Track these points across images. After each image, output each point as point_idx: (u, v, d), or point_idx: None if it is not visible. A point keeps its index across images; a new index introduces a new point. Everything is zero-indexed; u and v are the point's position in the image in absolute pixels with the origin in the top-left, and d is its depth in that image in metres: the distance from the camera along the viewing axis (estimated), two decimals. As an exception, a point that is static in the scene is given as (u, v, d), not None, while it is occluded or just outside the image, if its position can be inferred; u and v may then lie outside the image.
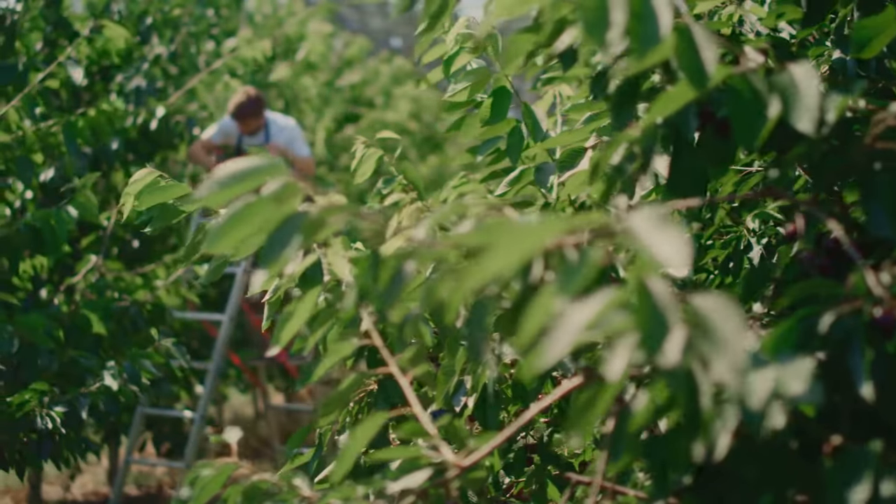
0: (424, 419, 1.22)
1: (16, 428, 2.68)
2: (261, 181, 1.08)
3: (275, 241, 1.05)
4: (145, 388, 2.63)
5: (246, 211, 1.06)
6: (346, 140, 8.16)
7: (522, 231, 0.91)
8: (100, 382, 2.70)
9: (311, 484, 1.27)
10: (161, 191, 1.80)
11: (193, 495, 1.27)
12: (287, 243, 1.05)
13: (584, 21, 0.95)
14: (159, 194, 1.79)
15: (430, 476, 1.17)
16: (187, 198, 1.82)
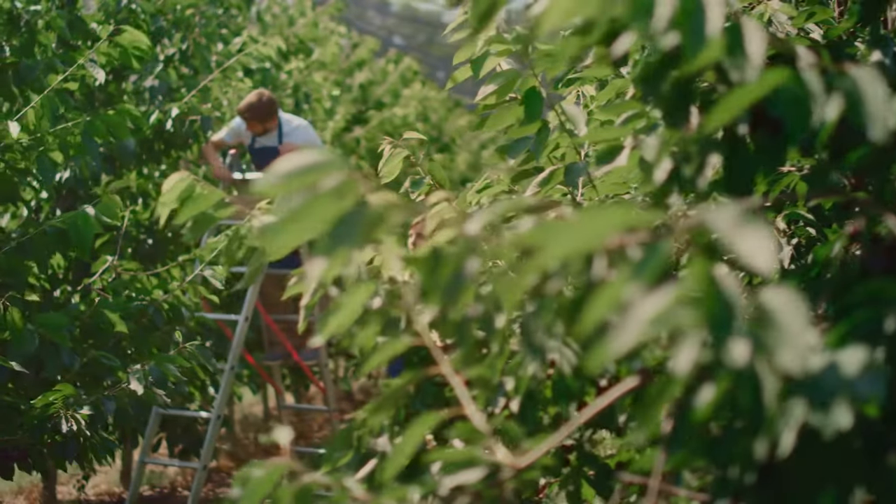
0: (478, 420, 1.22)
1: (41, 430, 2.68)
2: (319, 177, 1.08)
3: (335, 237, 1.06)
4: (171, 392, 2.63)
5: (306, 207, 1.06)
6: (354, 140, 8.16)
7: (587, 226, 0.92)
8: (125, 385, 2.71)
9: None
10: (199, 199, 1.79)
11: (244, 496, 1.27)
12: (347, 239, 1.06)
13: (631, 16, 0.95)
14: (198, 203, 1.79)
15: (484, 476, 1.17)
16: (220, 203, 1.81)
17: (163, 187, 1.79)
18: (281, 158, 1.09)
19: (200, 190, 1.81)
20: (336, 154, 1.08)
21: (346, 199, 1.07)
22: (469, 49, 2.25)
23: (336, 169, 1.07)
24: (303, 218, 1.05)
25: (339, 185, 1.06)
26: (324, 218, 1.06)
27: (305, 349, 5.52)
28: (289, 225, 1.05)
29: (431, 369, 1.32)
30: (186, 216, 1.78)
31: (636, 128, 1.79)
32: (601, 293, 0.90)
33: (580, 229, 0.91)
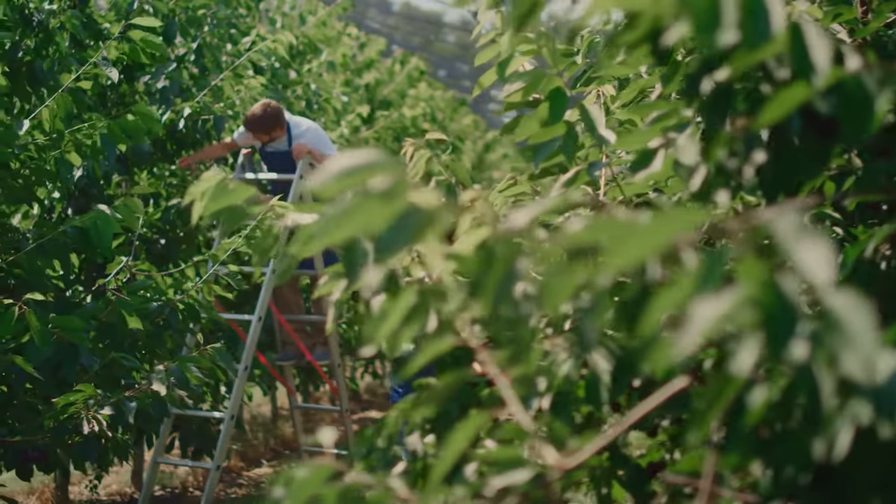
0: (524, 420, 1.22)
1: (62, 430, 2.68)
2: (371, 176, 1.08)
3: (389, 238, 1.06)
4: (194, 394, 2.63)
5: (358, 206, 1.06)
6: (363, 140, 8.16)
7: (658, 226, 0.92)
8: (145, 385, 2.71)
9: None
10: (230, 193, 1.79)
11: (288, 496, 1.27)
12: (401, 240, 1.06)
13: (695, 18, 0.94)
14: (228, 196, 1.79)
15: (531, 477, 1.17)
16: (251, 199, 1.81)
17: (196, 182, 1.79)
18: (326, 162, 1.10)
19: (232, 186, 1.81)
20: (387, 155, 1.08)
21: (397, 199, 1.07)
22: (492, 51, 2.25)
23: (387, 170, 1.07)
24: (354, 217, 1.06)
25: (392, 185, 1.06)
26: (376, 218, 1.06)
27: (318, 349, 5.53)
28: (341, 222, 1.05)
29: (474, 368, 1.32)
30: (214, 209, 1.78)
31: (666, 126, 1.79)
32: (666, 293, 0.90)
33: (651, 230, 0.91)
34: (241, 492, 6.15)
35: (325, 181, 1.06)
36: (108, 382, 2.97)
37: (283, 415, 8.41)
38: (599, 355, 1.46)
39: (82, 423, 2.65)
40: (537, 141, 2.18)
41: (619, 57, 1.29)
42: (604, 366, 1.49)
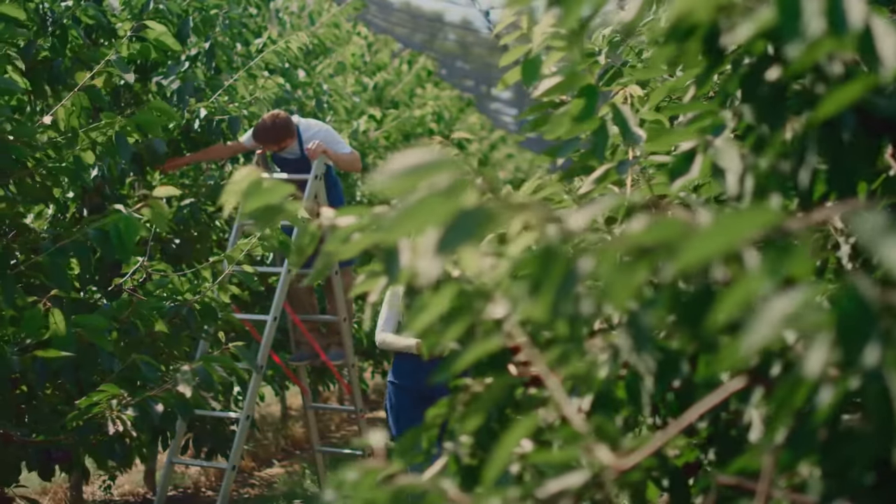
0: (577, 421, 1.22)
1: (86, 430, 2.67)
2: (434, 174, 1.08)
3: (451, 236, 1.06)
4: (218, 394, 2.63)
5: (422, 203, 1.06)
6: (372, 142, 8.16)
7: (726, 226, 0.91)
8: (171, 386, 2.70)
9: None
10: (267, 191, 1.79)
11: (340, 499, 1.26)
12: (463, 237, 1.06)
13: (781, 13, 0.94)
14: (265, 195, 1.79)
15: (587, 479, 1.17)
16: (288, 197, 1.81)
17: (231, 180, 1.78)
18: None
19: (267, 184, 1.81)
20: (448, 152, 1.08)
21: (459, 197, 1.07)
22: (518, 51, 2.24)
23: (448, 168, 1.07)
24: (416, 214, 1.05)
25: (453, 183, 1.06)
26: (440, 216, 1.06)
27: (333, 349, 5.53)
28: (404, 220, 1.05)
29: (524, 369, 1.31)
30: (251, 207, 1.78)
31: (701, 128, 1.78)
32: (734, 291, 0.90)
33: (718, 230, 0.91)
34: (253, 492, 6.15)
35: (387, 179, 1.06)
36: (128, 383, 2.96)
37: (293, 415, 8.41)
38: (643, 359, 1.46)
39: (107, 423, 2.65)
40: (566, 138, 2.17)
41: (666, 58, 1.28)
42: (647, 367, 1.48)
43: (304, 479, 6.23)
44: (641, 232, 1.05)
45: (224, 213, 1.81)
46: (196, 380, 2.67)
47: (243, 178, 1.88)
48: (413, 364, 4.30)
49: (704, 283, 1.05)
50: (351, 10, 8.08)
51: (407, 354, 4.29)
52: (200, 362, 2.73)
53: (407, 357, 4.30)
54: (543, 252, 1.10)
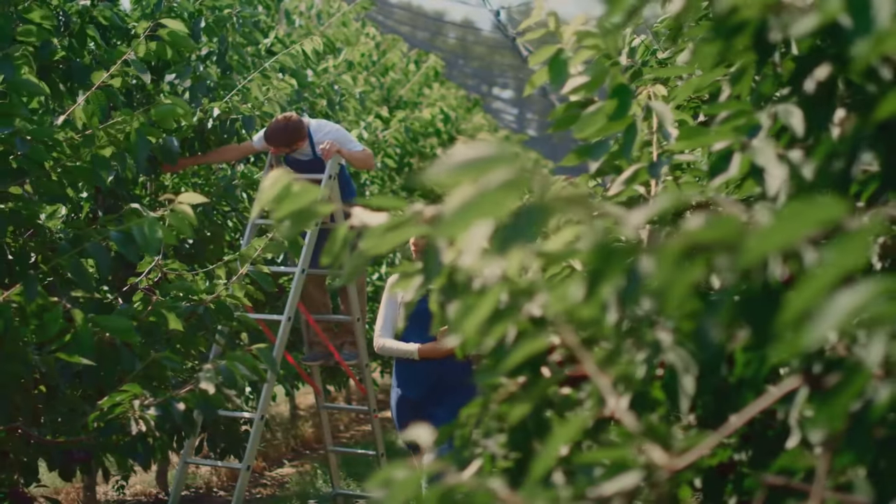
0: (628, 420, 1.21)
1: (108, 430, 2.67)
2: (493, 169, 1.08)
3: (512, 232, 1.06)
4: (242, 393, 2.62)
5: (480, 199, 1.06)
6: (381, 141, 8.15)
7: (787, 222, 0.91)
8: (195, 385, 2.70)
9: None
10: (298, 195, 1.78)
11: (388, 498, 1.25)
12: (524, 234, 1.05)
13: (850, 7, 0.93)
14: (296, 199, 1.78)
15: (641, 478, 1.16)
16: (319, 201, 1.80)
17: (262, 184, 1.78)
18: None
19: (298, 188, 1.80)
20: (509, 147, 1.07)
21: (521, 191, 1.06)
22: (547, 51, 2.23)
23: (507, 163, 1.07)
24: (475, 210, 1.05)
25: (512, 178, 1.06)
26: (500, 211, 1.06)
27: (346, 349, 5.52)
28: (463, 216, 1.05)
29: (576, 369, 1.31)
30: (283, 212, 1.77)
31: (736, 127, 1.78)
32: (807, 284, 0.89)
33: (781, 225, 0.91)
34: (265, 492, 6.15)
35: (446, 173, 1.05)
36: (149, 382, 2.96)
37: (301, 415, 8.41)
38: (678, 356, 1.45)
39: (129, 423, 2.64)
40: (599, 137, 2.17)
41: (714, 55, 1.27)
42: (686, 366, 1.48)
43: (315, 478, 6.22)
44: (699, 230, 1.05)
45: (254, 214, 1.79)
46: (219, 378, 2.67)
47: (275, 182, 1.88)
48: (411, 371, 4.29)
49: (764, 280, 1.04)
50: (359, 10, 8.08)
51: (405, 361, 4.29)
52: (223, 361, 2.72)
53: (406, 363, 4.30)
54: (602, 250, 1.09)
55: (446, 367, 4.27)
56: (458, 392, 4.26)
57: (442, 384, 4.29)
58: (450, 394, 4.28)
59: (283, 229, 1.87)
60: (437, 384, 4.29)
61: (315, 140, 5.36)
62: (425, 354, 4.24)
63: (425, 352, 4.23)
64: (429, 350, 4.23)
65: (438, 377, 4.28)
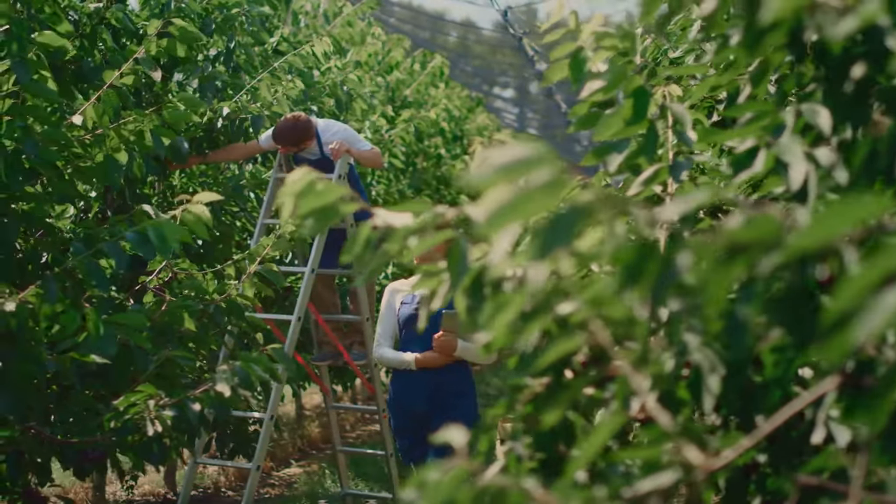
0: (664, 420, 1.21)
1: (124, 430, 2.67)
2: (532, 170, 1.08)
3: (552, 233, 1.05)
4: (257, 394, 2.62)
5: (519, 200, 1.06)
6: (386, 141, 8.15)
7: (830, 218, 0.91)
8: (210, 386, 2.70)
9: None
10: (321, 193, 1.78)
11: (424, 498, 1.25)
12: (564, 235, 1.05)
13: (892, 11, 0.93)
14: (319, 196, 1.78)
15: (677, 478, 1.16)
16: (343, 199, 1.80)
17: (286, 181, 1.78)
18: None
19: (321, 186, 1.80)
20: (547, 148, 1.07)
21: (559, 194, 1.06)
22: (566, 48, 2.24)
23: (548, 163, 1.07)
24: (514, 211, 1.05)
25: (553, 179, 1.06)
26: (539, 211, 1.06)
27: (355, 349, 5.52)
28: (503, 216, 1.05)
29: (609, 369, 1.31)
30: (306, 210, 1.77)
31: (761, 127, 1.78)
32: (849, 284, 0.89)
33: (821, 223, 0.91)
34: (274, 492, 6.15)
35: (485, 174, 1.05)
36: (162, 383, 2.96)
37: (307, 415, 8.41)
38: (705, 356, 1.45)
39: (145, 423, 2.64)
40: (618, 138, 2.16)
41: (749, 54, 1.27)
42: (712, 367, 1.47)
43: (324, 479, 6.22)
44: (738, 228, 1.05)
45: (283, 215, 1.80)
46: (235, 380, 2.67)
47: (298, 180, 1.88)
48: (405, 381, 4.20)
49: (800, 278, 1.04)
50: (365, 9, 8.08)
51: (401, 372, 4.21)
52: (238, 362, 2.72)
53: (401, 374, 4.21)
54: (640, 247, 1.09)
55: (444, 377, 4.18)
56: (457, 405, 4.19)
57: (440, 395, 4.21)
58: (449, 406, 4.19)
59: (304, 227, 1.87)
60: (435, 395, 4.20)
61: (323, 140, 5.38)
62: (423, 364, 4.15)
63: (422, 362, 4.14)
64: (426, 360, 4.14)
65: (436, 387, 4.19)
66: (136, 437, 2.74)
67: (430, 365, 4.15)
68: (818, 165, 1.48)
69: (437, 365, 4.16)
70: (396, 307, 4.28)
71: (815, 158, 1.49)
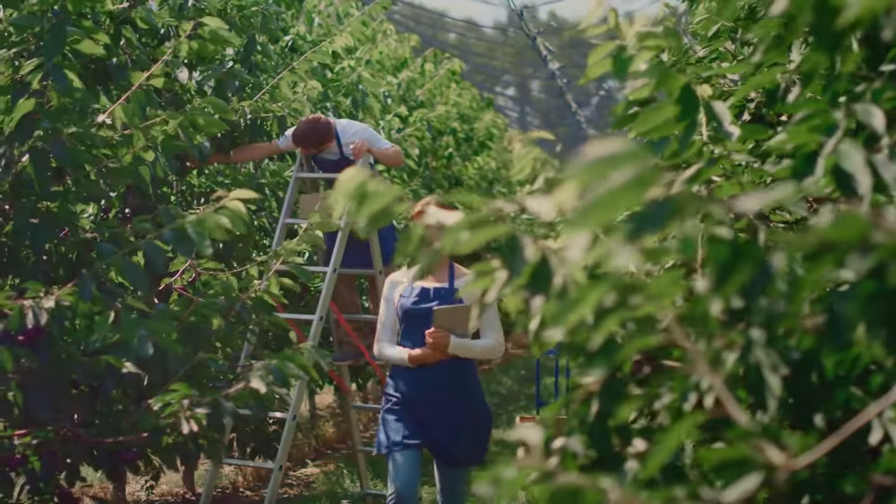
0: (743, 420, 1.21)
1: (160, 431, 2.67)
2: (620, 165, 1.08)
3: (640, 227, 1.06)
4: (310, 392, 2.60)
5: (609, 195, 1.06)
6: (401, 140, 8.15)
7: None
8: (246, 384, 2.70)
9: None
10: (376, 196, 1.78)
11: (497, 495, 1.25)
12: (650, 229, 1.06)
13: None
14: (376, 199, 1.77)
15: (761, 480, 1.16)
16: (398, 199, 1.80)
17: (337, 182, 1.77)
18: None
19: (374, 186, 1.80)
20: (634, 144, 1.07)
21: (647, 189, 1.06)
22: (606, 48, 2.23)
23: (636, 159, 1.07)
24: (606, 206, 1.05)
25: (641, 174, 1.06)
26: (624, 209, 1.05)
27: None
28: (594, 211, 1.05)
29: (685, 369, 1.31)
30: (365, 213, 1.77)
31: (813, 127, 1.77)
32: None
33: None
34: (292, 492, 6.15)
35: (578, 169, 1.05)
36: (195, 383, 2.96)
37: (321, 415, 8.41)
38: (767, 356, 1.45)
39: (180, 423, 2.64)
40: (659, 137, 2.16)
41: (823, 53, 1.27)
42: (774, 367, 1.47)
43: (342, 478, 6.22)
44: (827, 227, 1.05)
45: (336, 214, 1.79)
46: (270, 377, 2.67)
47: (351, 180, 1.87)
48: (407, 377, 4.03)
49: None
50: (379, 9, 8.08)
51: (400, 368, 4.05)
52: (270, 360, 2.72)
53: (401, 369, 4.05)
54: (733, 245, 1.09)
55: (443, 376, 4.01)
56: (460, 409, 4.02)
57: (439, 394, 4.02)
58: (452, 410, 4.01)
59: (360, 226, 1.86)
60: (434, 393, 4.01)
61: (343, 140, 5.39)
62: (416, 361, 3.98)
63: (416, 358, 3.98)
64: (420, 357, 3.98)
65: (435, 385, 4.00)
66: (172, 436, 2.74)
67: (423, 362, 3.99)
68: (877, 174, 1.48)
69: (431, 361, 3.98)
70: (395, 300, 4.13)
71: (875, 165, 1.49)
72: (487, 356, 4.11)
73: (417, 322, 4.03)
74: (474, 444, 4.05)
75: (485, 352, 4.04)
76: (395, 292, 4.14)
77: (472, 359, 4.06)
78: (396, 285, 4.15)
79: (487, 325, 4.03)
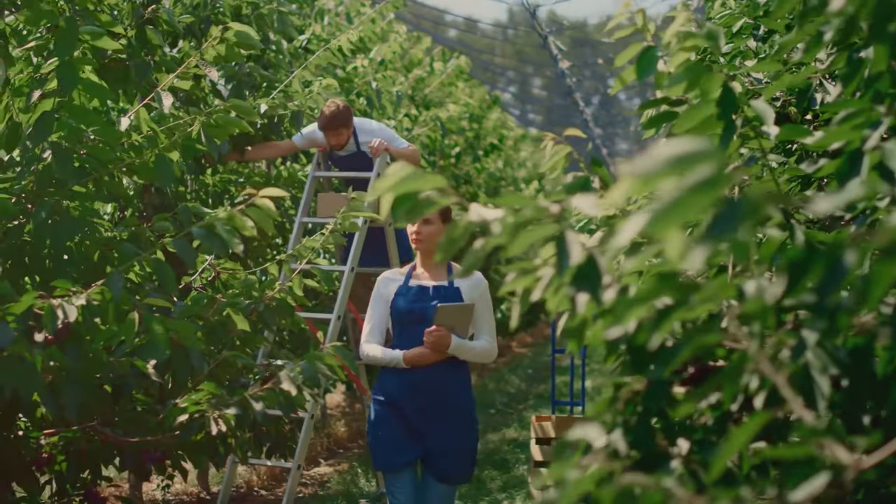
0: (809, 418, 1.20)
1: (188, 431, 2.67)
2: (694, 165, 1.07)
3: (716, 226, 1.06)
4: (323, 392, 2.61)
5: (688, 196, 1.05)
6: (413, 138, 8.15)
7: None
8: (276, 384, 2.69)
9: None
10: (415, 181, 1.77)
11: (563, 496, 1.25)
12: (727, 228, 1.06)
13: None
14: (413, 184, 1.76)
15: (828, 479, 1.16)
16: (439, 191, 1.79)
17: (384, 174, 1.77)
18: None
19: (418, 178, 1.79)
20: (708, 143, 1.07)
21: (722, 188, 1.06)
22: (635, 48, 2.23)
23: (710, 159, 1.06)
24: (684, 207, 1.05)
25: (715, 174, 1.05)
26: (702, 210, 1.05)
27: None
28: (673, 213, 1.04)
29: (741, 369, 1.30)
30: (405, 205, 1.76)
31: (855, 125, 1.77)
32: None
33: None
34: (307, 491, 6.15)
35: (650, 170, 1.05)
36: (219, 382, 2.95)
37: (331, 414, 8.42)
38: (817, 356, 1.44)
39: (209, 422, 2.64)
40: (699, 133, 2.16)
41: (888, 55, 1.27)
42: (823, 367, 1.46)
43: (357, 477, 6.22)
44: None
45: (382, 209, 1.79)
46: (300, 377, 2.66)
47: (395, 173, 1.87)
48: (399, 380, 3.83)
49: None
50: (390, 8, 8.07)
51: (391, 370, 3.84)
52: (304, 360, 2.72)
53: (392, 373, 3.84)
54: (808, 246, 1.08)
55: (438, 377, 3.83)
56: (454, 415, 3.87)
57: (433, 398, 3.85)
58: (445, 418, 3.85)
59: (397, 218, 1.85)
60: (428, 397, 3.85)
61: (360, 137, 5.41)
62: (412, 361, 3.78)
63: (412, 358, 3.78)
64: (416, 356, 3.79)
65: (429, 389, 3.84)
66: (200, 436, 2.74)
67: (420, 362, 3.79)
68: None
69: (428, 362, 3.80)
70: (390, 298, 3.93)
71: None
72: (483, 359, 3.90)
73: (414, 322, 3.86)
74: (465, 459, 3.89)
75: (482, 354, 3.86)
76: (391, 289, 3.93)
77: (466, 362, 3.89)
78: (390, 283, 3.95)
79: (482, 326, 3.89)
